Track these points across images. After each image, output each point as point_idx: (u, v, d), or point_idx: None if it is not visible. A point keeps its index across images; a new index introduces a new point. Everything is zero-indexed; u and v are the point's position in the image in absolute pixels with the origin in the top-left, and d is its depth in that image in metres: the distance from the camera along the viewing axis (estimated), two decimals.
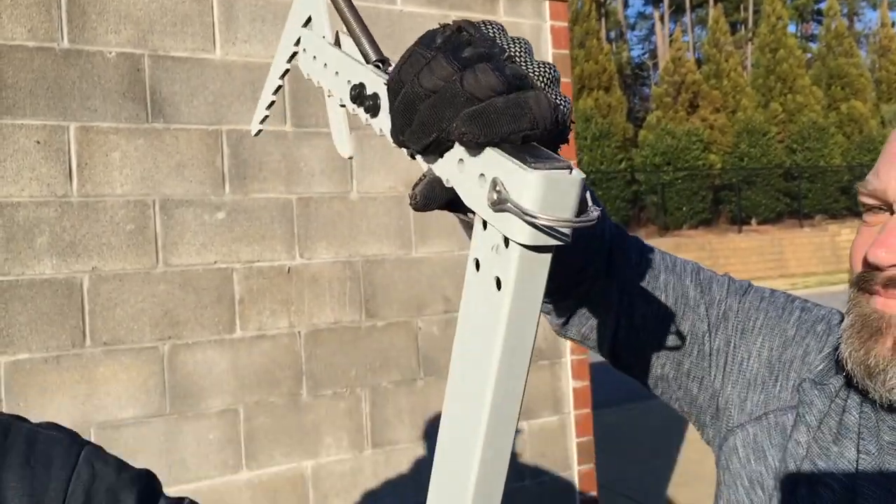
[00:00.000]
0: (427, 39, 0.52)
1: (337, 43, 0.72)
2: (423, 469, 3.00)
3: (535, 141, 0.49)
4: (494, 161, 0.49)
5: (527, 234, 0.47)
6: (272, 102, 0.84)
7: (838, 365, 0.83)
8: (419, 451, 3.01)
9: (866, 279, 0.76)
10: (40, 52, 2.43)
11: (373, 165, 2.95)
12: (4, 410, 2.28)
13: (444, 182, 0.54)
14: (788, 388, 0.90)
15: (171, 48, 2.63)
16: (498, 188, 0.47)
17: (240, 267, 2.70)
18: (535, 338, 0.51)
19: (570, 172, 0.48)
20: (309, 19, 0.76)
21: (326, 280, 2.85)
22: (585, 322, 0.95)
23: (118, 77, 2.54)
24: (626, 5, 44.86)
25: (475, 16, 3.18)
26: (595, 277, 0.92)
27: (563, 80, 3.37)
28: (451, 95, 0.48)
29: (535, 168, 0.47)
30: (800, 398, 0.87)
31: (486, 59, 0.49)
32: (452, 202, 0.55)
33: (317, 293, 2.83)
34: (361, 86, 0.63)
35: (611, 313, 0.94)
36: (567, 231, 0.48)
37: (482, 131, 0.47)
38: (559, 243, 0.48)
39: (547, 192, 0.46)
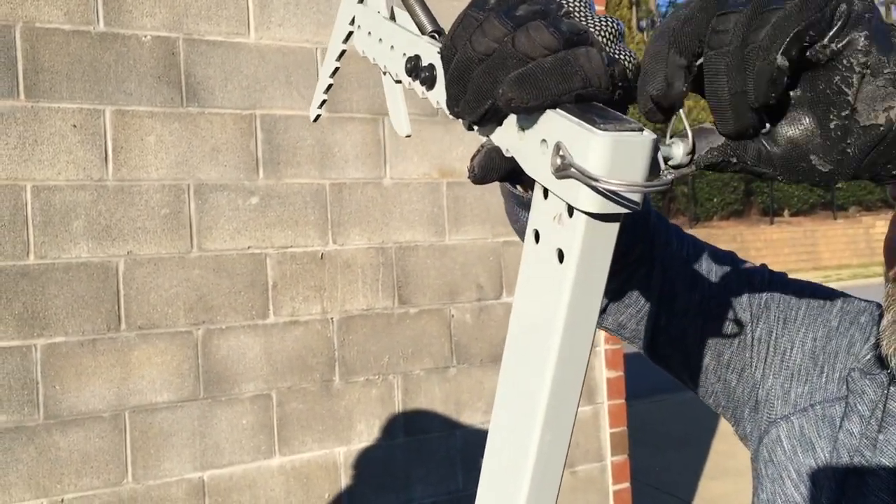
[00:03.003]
0: (480, 1, 0.49)
1: (392, 18, 0.69)
2: (455, 458, 2.98)
3: (595, 100, 0.46)
4: (557, 124, 0.45)
5: (593, 201, 0.43)
6: (330, 86, 0.81)
7: (883, 358, 0.81)
8: (451, 439, 2.99)
9: None
10: (76, 36, 2.43)
11: (406, 152, 2.93)
12: (41, 393, 2.30)
13: (504, 152, 0.51)
14: (835, 378, 0.87)
15: (206, 32, 2.61)
16: (561, 153, 0.44)
17: (273, 252, 2.69)
18: (598, 315, 0.48)
19: (643, 133, 0.44)
20: None
21: (359, 266, 2.84)
22: (624, 311, 0.93)
23: (153, 61, 2.53)
24: None
25: None
26: (637, 263, 0.90)
27: None
28: (503, 58, 0.45)
29: (604, 129, 0.43)
30: (849, 388, 0.85)
31: (541, 16, 0.46)
32: (513, 172, 0.52)
33: (350, 279, 2.82)
34: (417, 58, 0.60)
35: (651, 301, 0.92)
36: (637, 197, 0.44)
37: (530, 94, 0.44)
38: (628, 211, 0.44)
39: (615, 155, 0.43)
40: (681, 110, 0.48)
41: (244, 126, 2.66)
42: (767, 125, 0.47)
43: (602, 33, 0.49)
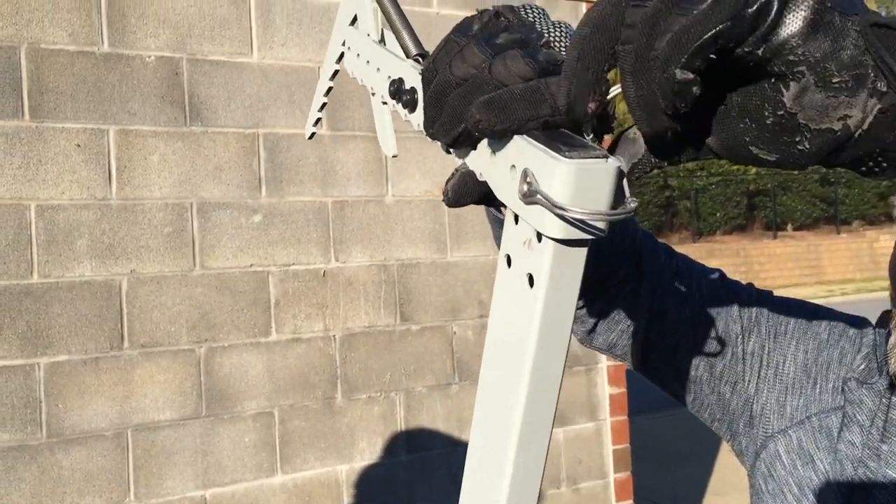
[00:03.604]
0: (464, 27, 0.50)
1: (382, 41, 0.70)
2: (457, 476, 2.98)
3: (564, 128, 0.47)
4: (525, 150, 0.46)
5: (559, 228, 0.44)
6: (324, 104, 0.83)
7: (878, 367, 0.82)
8: (454, 457, 2.99)
9: None
10: (81, 56, 2.45)
11: (408, 169, 2.94)
12: (44, 412, 2.31)
13: (478, 176, 0.52)
14: (829, 390, 0.88)
15: (210, 52, 2.64)
16: (528, 179, 0.45)
17: (275, 270, 2.71)
18: (570, 337, 0.48)
19: (607, 160, 0.45)
20: (355, 18, 0.75)
21: (361, 284, 2.85)
22: (614, 328, 0.94)
23: (157, 80, 2.55)
24: None
25: None
26: (624, 281, 0.91)
27: None
28: (479, 83, 0.47)
29: (568, 157, 0.44)
30: (846, 398, 0.85)
31: (520, 45, 0.47)
32: (486, 197, 0.53)
33: (352, 297, 2.82)
34: (400, 80, 0.61)
35: (641, 318, 0.93)
36: (602, 225, 0.45)
37: (497, 118, 0.45)
38: (594, 237, 0.45)
39: (579, 183, 0.44)
40: (588, 130, 0.47)
41: (247, 145, 2.68)
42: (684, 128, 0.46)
43: None
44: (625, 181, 0.47)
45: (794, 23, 0.42)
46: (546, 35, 0.51)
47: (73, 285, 2.42)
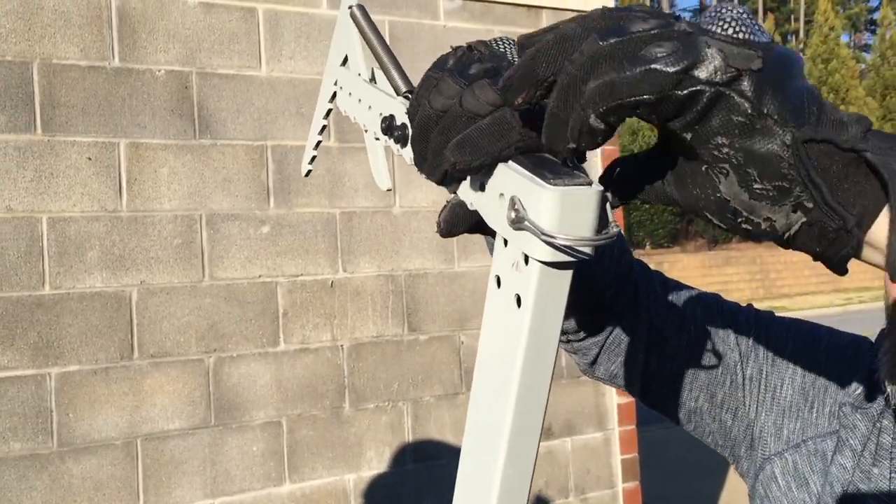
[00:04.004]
0: (440, 62, 0.53)
1: (373, 79, 0.73)
2: None
3: (538, 148, 0.49)
4: (511, 179, 0.49)
5: (546, 252, 0.46)
6: (319, 143, 0.85)
7: (875, 388, 0.82)
8: None
9: None
10: (92, 71, 2.49)
11: (415, 180, 2.97)
12: (55, 421, 2.34)
13: (469, 205, 0.54)
14: (825, 413, 0.89)
15: (219, 66, 2.68)
16: (516, 206, 0.47)
17: (284, 281, 2.73)
18: (557, 354, 0.50)
19: (591, 187, 0.47)
20: (346, 59, 0.78)
21: (369, 294, 2.87)
22: (614, 360, 0.94)
23: (167, 94, 2.59)
24: None
25: (519, 30, 3.18)
26: (622, 313, 0.92)
27: None
28: (453, 118, 0.49)
29: (553, 184, 0.46)
30: (840, 423, 0.86)
31: (491, 74, 0.49)
32: (478, 225, 0.55)
33: (359, 307, 2.85)
34: (391, 117, 0.64)
35: (640, 348, 0.93)
36: (588, 249, 0.47)
37: (471, 156, 0.47)
38: (579, 259, 0.47)
39: (564, 209, 0.46)
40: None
41: (255, 157, 2.71)
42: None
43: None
44: (608, 206, 0.49)
45: (720, 121, 0.43)
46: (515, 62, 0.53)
47: (83, 296, 2.45)
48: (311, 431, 2.75)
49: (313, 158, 0.89)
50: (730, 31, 0.42)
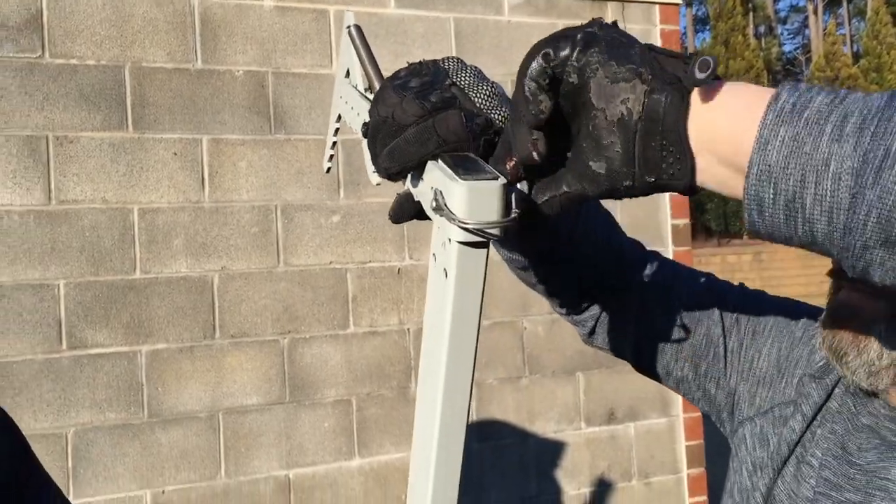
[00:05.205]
0: (393, 76, 0.65)
1: (368, 89, 0.85)
2: (528, 465, 3.09)
3: (459, 150, 0.62)
4: (436, 175, 0.61)
5: (460, 234, 0.59)
6: (334, 143, 0.99)
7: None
8: (524, 447, 3.10)
9: (840, 273, 0.83)
10: (177, 73, 2.70)
11: None
12: (145, 394, 2.56)
13: (414, 196, 0.67)
14: (792, 384, 0.97)
15: (292, 65, 2.85)
16: (436, 197, 0.60)
17: (353, 267, 2.90)
18: (480, 317, 0.63)
19: (496, 181, 0.59)
20: (348, 71, 0.91)
21: None
22: (609, 331, 1.04)
23: (245, 93, 2.78)
24: None
25: (583, 23, 3.24)
26: (613, 290, 1.01)
27: None
28: (389, 128, 0.62)
29: (463, 179, 0.59)
30: (798, 391, 0.94)
31: (428, 86, 0.62)
32: (420, 213, 0.68)
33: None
34: (366, 123, 0.77)
35: (631, 324, 1.03)
36: (494, 231, 0.59)
37: (398, 162, 0.61)
38: (489, 238, 0.59)
39: (472, 199, 0.58)
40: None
41: None
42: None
43: (479, 95, 0.64)
44: (512, 196, 0.61)
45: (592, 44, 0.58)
46: (453, 77, 0.65)
47: (170, 281, 2.67)
48: (378, 410, 2.91)
49: (331, 157, 1.02)
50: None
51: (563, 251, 0.90)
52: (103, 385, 2.58)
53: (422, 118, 0.61)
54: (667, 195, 3.33)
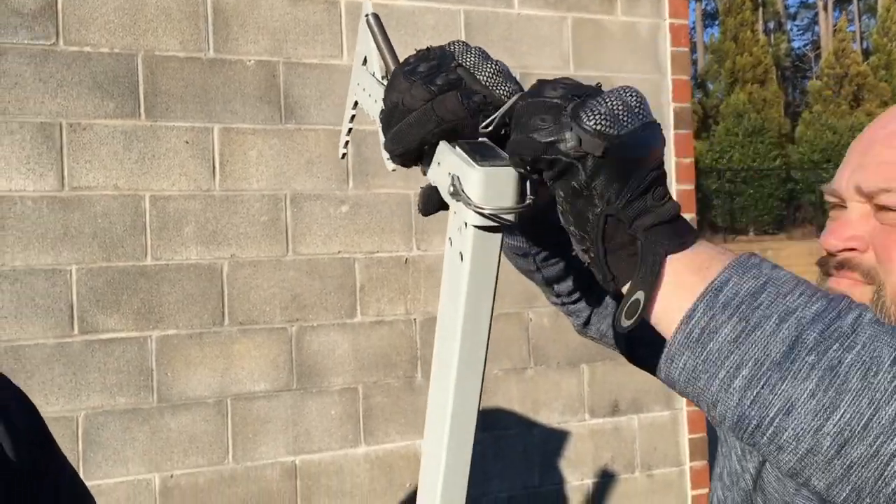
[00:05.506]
0: (404, 62, 0.68)
1: (385, 76, 0.87)
2: (532, 455, 3.12)
3: (458, 129, 0.65)
4: (453, 160, 0.64)
5: (475, 219, 0.61)
6: (350, 129, 1.02)
7: None
8: (529, 437, 3.13)
9: (824, 262, 0.85)
10: (189, 62, 2.73)
11: None
12: (155, 379, 2.59)
13: (433, 184, 0.69)
14: None
15: (304, 55, 2.87)
16: (454, 182, 0.62)
17: (361, 257, 2.92)
18: (494, 300, 0.65)
19: (511, 168, 0.61)
20: (365, 59, 0.93)
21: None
22: (603, 321, 1.06)
23: (256, 82, 2.81)
24: None
25: (592, 16, 3.26)
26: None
27: (681, 77, 3.38)
28: (398, 112, 0.65)
29: (480, 165, 0.61)
30: None
31: (436, 70, 0.64)
32: (447, 204, 0.70)
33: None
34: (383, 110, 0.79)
35: None
36: (509, 216, 0.61)
37: (401, 144, 0.64)
38: (503, 223, 0.62)
39: (488, 185, 0.61)
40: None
41: (336, 141, 2.90)
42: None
43: (484, 74, 0.66)
44: (527, 183, 0.64)
45: (564, 181, 0.61)
46: (459, 59, 0.68)
47: (181, 267, 2.70)
48: (385, 398, 2.94)
49: (347, 143, 1.04)
50: (591, 123, 0.57)
51: (564, 239, 0.92)
52: (114, 370, 2.61)
53: (428, 101, 0.63)
54: (673, 187, 3.35)
